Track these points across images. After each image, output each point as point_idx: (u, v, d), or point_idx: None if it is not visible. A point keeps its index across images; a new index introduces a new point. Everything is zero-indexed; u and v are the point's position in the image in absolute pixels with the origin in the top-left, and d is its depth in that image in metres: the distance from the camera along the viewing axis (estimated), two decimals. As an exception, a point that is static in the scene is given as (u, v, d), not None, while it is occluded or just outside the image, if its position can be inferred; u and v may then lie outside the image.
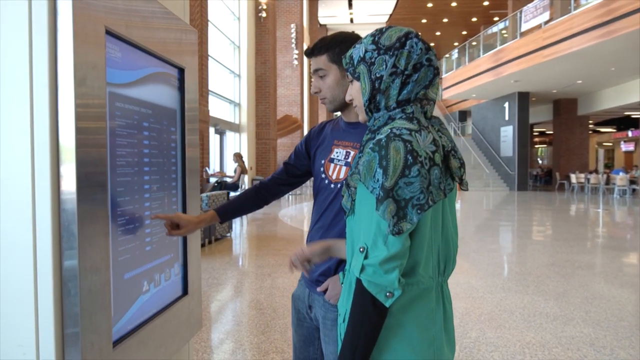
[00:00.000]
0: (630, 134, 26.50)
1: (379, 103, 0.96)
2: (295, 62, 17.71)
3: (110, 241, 1.14)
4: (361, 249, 0.89)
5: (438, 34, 28.13)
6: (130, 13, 1.21)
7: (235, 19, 13.62)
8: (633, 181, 15.85)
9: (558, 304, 3.75)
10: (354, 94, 1.01)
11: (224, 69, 12.73)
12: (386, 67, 0.94)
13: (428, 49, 0.96)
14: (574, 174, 17.35)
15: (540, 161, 31.75)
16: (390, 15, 25.84)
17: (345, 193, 0.99)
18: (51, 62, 0.98)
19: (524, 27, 14.22)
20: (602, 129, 27.85)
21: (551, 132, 22.83)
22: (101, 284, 1.08)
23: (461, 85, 18.90)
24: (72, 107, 0.98)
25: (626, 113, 20.60)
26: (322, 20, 27.54)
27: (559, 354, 2.76)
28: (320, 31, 26.56)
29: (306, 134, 1.50)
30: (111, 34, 1.13)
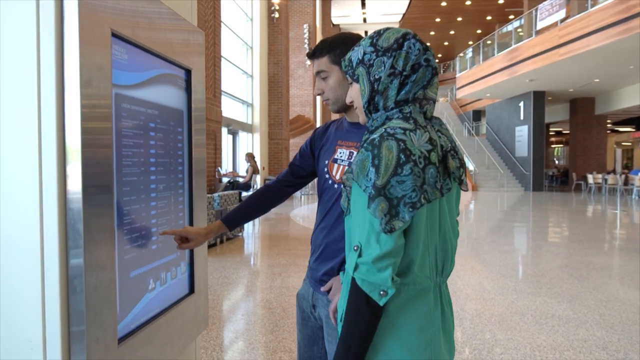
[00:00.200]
0: (650, 133, 25.91)
1: (377, 104, 0.97)
2: (308, 63, 17.74)
3: (115, 240, 1.16)
4: (355, 248, 0.90)
5: (452, 33, 27.88)
6: (137, 15, 1.23)
7: (248, 19, 13.70)
8: (652, 182, 15.49)
9: (571, 306, 3.69)
10: (354, 95, 1.02)
11: (237, 69, 12.82)
12: (384, 68, 0.94)
13: (426, 49, 0.97)
14: (591, 174, 17.03)
15: (556, 161, 31.25)
16: (404, 14, 25.71)
17: (344, 193, 0.99)
18: (58, 64, 1.00)
19: (540, 25, 14.02)
20: (620, 129, 27.27)
21: (568, 132, 22.45)
22: (106, 281, 1.10)
23: (475, 84, 18.71)
24: (78, 108, 1.01)
25: (646, 112, 20.16)
26: (335, 20, 27.52)
27: (570, 357, 2.72)
28: (333, 31, 26.55)
29: (311, 134, 1.50)
30: (117, 36, 1.15)
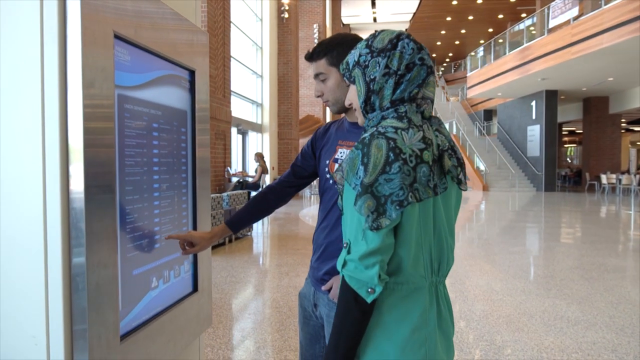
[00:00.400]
0: (666, 133, 25.45)
1: (373, 104, 0.98)
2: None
3: (118, 238, 1.18)
4: (345, 245, 0.91)
5: (463, 31, 27.67)
6: (139, 17, 1.25)
7: (258, 20, 13.75)
8: (668, 182, 15.22)
9: (580, 308, 3.65)
10: (352, 97, 1.03)
11: (247, 69, 12.88)
12: (379, 68, 0.95)
13: (420, 48, 0.97)
14: (604, 174, 16.78)
15: (570, 161, 30.84)
16: (414, 13, 25.60)
17: (339, 191, 1.00)
18: (61, 66, 1.02)
19: (552, 23, 13.85)
20: (635, 128, 26.82)
21: (581, 132, 22.14)
22: (108, 279, 1.12)
23: (486, 83, 18.55)
24: (81, 109, 1.03)
25: (661, 111, 19.79)
26: (345, 20, 27.52)
27: (578, 360, 2.69)
28: (343, 31, 26.53)
29: (312, 135, 1.51)
30: (120, 37, 1.17)
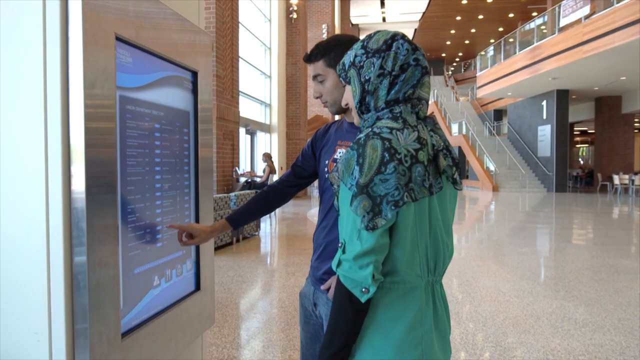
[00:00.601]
0: (680, 132, 25.00)
1: (368, 104, 0.98)
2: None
3: (119, 237, 1.19)
4: (340, 244, 0.91)
5: (473, 31, 27.50)
6: (141, 19, 1.27)
7: (266, 20, 13.80)
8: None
9: (589, 309, 3.61)
10: (348, 97, 1.04)
11: (255, 70, 12.93)
12: (374, 69, 0.96)
13: (415, 49, 0.97)
14: (617, 175, 16.55)
15: (581, 161, 30.46)
16: (424, 13, 25.48)
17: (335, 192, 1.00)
18: (63, 68, 1.04)
19: (563, 22, 13.70)
20: (649, 128, 26.40)
21: (593, 132, 21.87)
22: (110, 277, 1.13)
23: (496, 83, 18.40)
24: (82, 110, 1.04)
25: (676, 111, 19.46)
26: (354, 20, 27.47)
27: (585, 362, 2.66)
28: (352, 31, 26.50)
29: (312, 135, 1.52)
30: (121, 39, 1.19)
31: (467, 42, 29.84)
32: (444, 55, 34.58)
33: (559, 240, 7.41)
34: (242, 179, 9.30)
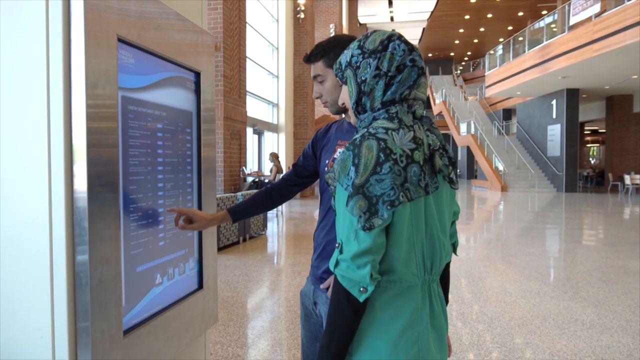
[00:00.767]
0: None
1: (365, 105, 0.99)
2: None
3: (121, 236, 1.21)
4: (337, 245, 0.92)
5: (482, 30, 27.31)
6: (143, 20, 1.28)
7: (274, 20, 13.83)
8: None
9: (596, 311, 3.57)
10: (344, 97, 1.04)
11: (263, 70, 12.97)
12: (370, 70, 0.96)
13: (411, 50, 0.97)
14: (628, 174, 16.34)
15: (592, 161, 30.11)
16: (432, 12, 25.36)
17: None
18: (65, 69, 1.06)
19: (573, 21, 13.55)
20: (661, 127, 26.00)
21: (604, 131, 21.61)
22: (111, 275, 1.15)
23: (505, 82, 18.26)
24: (84, 110, 1.06)
25: (689, 110, 19.16)
26: (362, 20, 27.44)
27: (592, 364, 2.64)
28: (360, 30, 26.46)
29: (313, 135, 1.53)
30: (124, 41, 1.21)
31: (475, 41, 29.64)
32: (452, 54, 34.39)
33: (568, 240, 7.34)
34: (249, 179, 9.34)
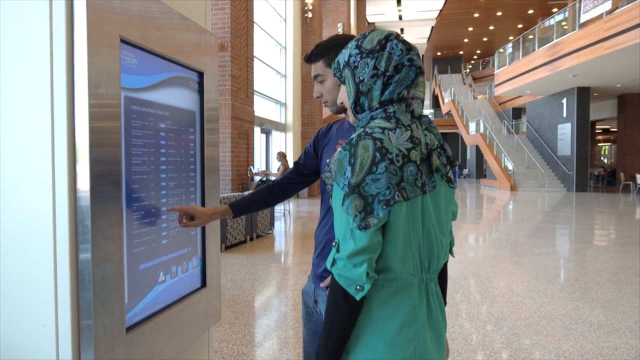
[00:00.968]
0: None
1: (363, 104, 0.99)
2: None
3: (124, 234, 1.23)
4: (334, 243, 0.92)
5: (492, 28, 27.08)
6: (146, 21, 1.29)
7: (282, 20, 13.85)
8: None
9: (604, 312, 3.53)
10: (343, 97, 1.05)
11: (270, 69, 13.00)
12: (368, 70, 0.96)
13: (409, 49, 0.97)
14: (640, 174, 16.13)
15: (605, 160, 29.73)
16: (441, 10, 25.23)
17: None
18: (69, 70, 1.07)
19: (583, 18, 13.39)
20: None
21: (616, 130, 21.33)
22: (114, 273, 1.17)
23: (515, 80, 18.10)
24: (86, 110, 1.08)
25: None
26: (370, 19, 27.39)
27: (599, 365, 2.61)
28: (368, 29, 26.37)
29: (315, 134, 1.53)
30: (126, 42, 1.22)
31: (485, 39, 29.41)
32: (461, 53, 34.16)
33: (577, 240, 7.27)
34: (257, 178, 9.37)
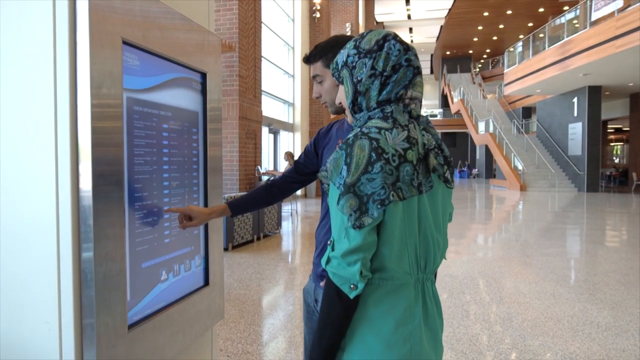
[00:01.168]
0: None
1: (360, 104, 0.99)
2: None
3: (126, 233, 1.24)
4: (329, 242, 0.93)
5: (501, 27, 26.85)
6: (148, 23, 1.31)
7: (290, 20, 13.88)
8: None
9: (613, 313, 3.49)
10: (341, 97, 1.05)
11: (278, 69, 13.03)
12: (365, 70, 0.97)
13: (407, 49, 0.98)
14: (653, 174, 15.89)
15: (617, 160, 29.33)
16: (450, 9, 25.08)
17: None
18: (71, 71, 1.09)
19: (595, 16, 13.23)
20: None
21: (628, 129, 21.04)
22: (116, 271, 1.19)
23: (525, 80, 17.93)
24: (89, 111, 1.10)
25: None
26: (378, 18, 27.32)
27: (605, 367, 2.59)
28: (376, 29, 26.31)
29: (315, 134, 1.54)
30: (129, 43, 1.24)
31: (495, 38, 29.17)
32: (471, 52, 33.92)
33: (587, 241, 7.19)
34: (265, 178, 9.40)
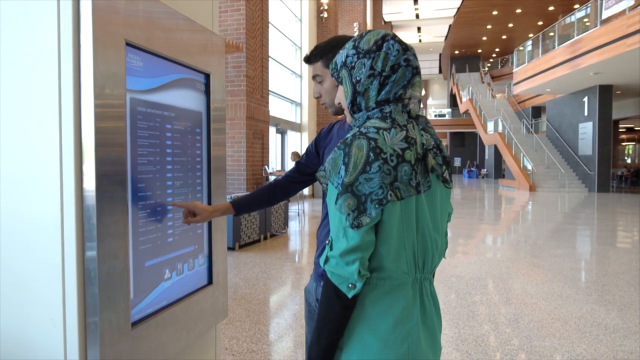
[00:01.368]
0: None
1: (359, 104, 1.00)
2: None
3: (130, 232, 1.26)
4: (327, 241, 0.94)
5: (511, 25, 26.63)
6: (151, 25, 1.33)
7: (297, 20, 13.90)
8: None
9: (621, 315, 3.46)
10: (340, 97, 1.06)
11: (286, 70, 13.06)
12: (364, 70, 0.97)
13: (406, 49, 0.98)
14: (665, 174, 15.65)
15: (628, 160, 28.96)
16: (459, 8, 24.93)
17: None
18: (75, 72, 1.11)
19: (606, 14, 13.07)
20: (703, 124, 24.79)
21: (640, 129, 20.78)
22: (119, 269, 1.20)
23: (534, 79, 17.77)
24: (92, 111, 1.11)
25: None
26: (386, 18, 27.25)
27: (612, 369, 2.56)
28: (384, 29, 26.27)
29: (317, 134, 1.55)
30: (132, 45, 1.26)
31: (504, 37, 28.93)
32: (479, 51, 33.68)
33: (597, 242, 7.11)
34: (272, 178, 9.44)
